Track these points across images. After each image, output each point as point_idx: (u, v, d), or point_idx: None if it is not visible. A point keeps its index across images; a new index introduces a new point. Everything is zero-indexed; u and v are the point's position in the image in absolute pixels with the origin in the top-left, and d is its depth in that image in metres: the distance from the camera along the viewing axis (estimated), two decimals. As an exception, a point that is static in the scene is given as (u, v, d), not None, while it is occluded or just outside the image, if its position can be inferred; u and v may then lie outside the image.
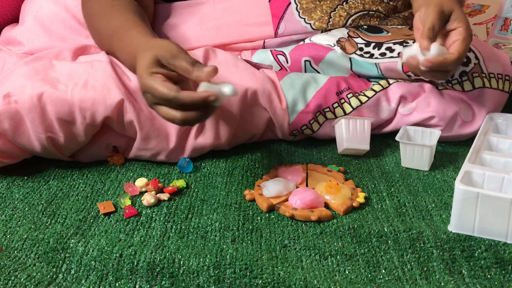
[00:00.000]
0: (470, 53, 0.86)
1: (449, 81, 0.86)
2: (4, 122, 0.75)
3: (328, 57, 0.90)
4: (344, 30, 0.94)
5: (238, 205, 0.73)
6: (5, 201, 0.75)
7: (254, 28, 0.95)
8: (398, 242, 0.63)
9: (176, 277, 0.58)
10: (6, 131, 0.75)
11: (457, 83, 0.85)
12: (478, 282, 0.58)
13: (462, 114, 0.86)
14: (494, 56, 0.87)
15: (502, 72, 0.86)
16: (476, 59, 0.86)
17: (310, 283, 0.57)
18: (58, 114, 0.76)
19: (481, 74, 0.85)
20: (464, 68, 0.85)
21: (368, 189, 0.76)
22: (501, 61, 0.87)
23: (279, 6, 0.95)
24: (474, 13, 1.12)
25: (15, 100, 0.75)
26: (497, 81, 0.86)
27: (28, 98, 0.75)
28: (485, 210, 0.62)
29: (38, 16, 0.97)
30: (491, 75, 0.86)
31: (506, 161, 0.72)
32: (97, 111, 0.77)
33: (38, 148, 0.78)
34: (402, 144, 0.81)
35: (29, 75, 0.78)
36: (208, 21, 0.96)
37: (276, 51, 0.94)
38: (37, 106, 0.75)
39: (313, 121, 0.86)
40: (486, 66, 0.86)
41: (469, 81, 0.85)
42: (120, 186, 0.78)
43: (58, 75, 0.79)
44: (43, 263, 0.61)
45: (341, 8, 0.95)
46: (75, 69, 0.81)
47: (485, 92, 0.86)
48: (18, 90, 0.76)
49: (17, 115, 0.75)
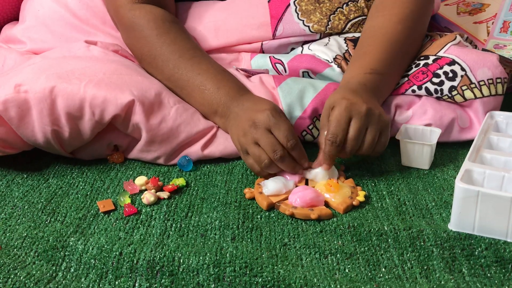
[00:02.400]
0: (454, 65, 0.85)
1: (440, 97, 0.85)
2: (10, 110, 0.75)
3: (325, 73, 0.90)
4: (342, 42, 0.94)
5: (238, 204, 0.73)
6: (5, 199, 0.75)
7: (253, 28, 0.95)
8: (398, 241, 0.63)
9: (176, 275, 0.58)
10: (12, 119, 0.75)
11: (448, 97, 0.85)
12: (478, 280, 0.57)
13: (459, 121, 0.85)
14: (481, 62, 0.85)
15: (491, 76, 0.85)
16: (462, 70, 0.84)
17: (310, 281, 0.57)
18: (68, 108, 0.76)
19: (470, 86, 0.84)
20: (452, 83, 0.84)
21: (368, 187, 0.76)
22: (489, 65, 0.85)
23: (278, 7, 0.95)
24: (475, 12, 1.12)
25: (25, 89, 0.75)
26: (488, 87, 0.85)
27: (40, 89, 0.75)
28: (485, 209, 0.62)
29: (39, 14, 0.97)
30: (481, 83, 0.85)
31: (506, 159, 0.71)
32: (107, 109, 0.77)
33: (41, 141, 0.78)
34: (402, 143, 0.81)
35: (43, 69, 0.79)
36: (207, 21, 0.96)
37: (274, 58, 0.93)
38: (47, 98, 0.75)
39: (312, 127, 0.85)
40: (475, 75, 0.84)
41: (460, 94, 0.84)
42: (119, 184, 0.78)
43: (72, 70, 0.80)
44: (42, 261, 0.61)
45: (340, 11, 0.95)
46: (91, 66, 0.81)
47: (478, 102, 0.85)
48: (31, 81, 0.76)
49: (25, 104, 0.75)
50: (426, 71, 0.86)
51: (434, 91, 0.85)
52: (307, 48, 0.94)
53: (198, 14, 0.97)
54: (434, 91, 0.85)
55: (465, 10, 1.13)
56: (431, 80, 0.85)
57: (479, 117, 0.85)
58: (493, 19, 1.07)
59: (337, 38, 0.95)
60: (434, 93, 0.85)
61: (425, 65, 0.86)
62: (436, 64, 0.86)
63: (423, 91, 0.85)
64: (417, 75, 0.86)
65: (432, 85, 0.85)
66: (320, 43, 0.94)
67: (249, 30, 0.95)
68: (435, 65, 0.86)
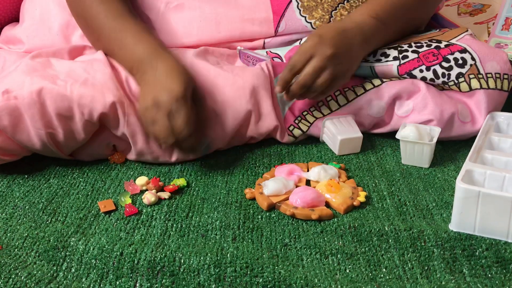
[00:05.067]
0: (465, 54, 0.85)
1: (446, 82, 0.85)
2: (3, 119, 0.75)
3: None
4: None
5: (238, 204, 0.73)
6: (6, 199, 0.75)
7: (254, 23, 0.94)
8: (399, 241, 0.63)
9: (177, 275, 0.58)
10: (6, 128, 0.75)
11: (454, 84, 0.85)
12: (479, 281, 0.57)
13: (460, 115, 0.85)
14: (491, 55, 0.86)
15: (500, 71, 0.86)
16: (472, 59, 0.85)
17: (311, 282, 0.57)
18: (58, 110, 0.76)
19: (477, 75, 0.85)
20: (460, 70, 0.84)
21: (368, 188, 0.76)
22: (498, 60, 0.86)
23: (280, 3, 0.95)
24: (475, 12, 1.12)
25: (14, 96, 0.75)
26: (495, 81, 0.85)
27: (27, 94, 0.75)
28: (486, 209, 0.62)
29: (37, 14, 0.97)
30: (489, 75, 0.85)
31: (507, 160, 0.71)
32: (95, 107, 0.77)
33: (38, 145, 0.78)
34: (402, 142, 0.81)
35: (27, 71, 0.78)
36: (209, 14, 0.95)
37: (272, 53, 0.93)
38: (36, 102, 0.75)
39: (299, 121, 0.86)
40: (483, 67, 0.85)
41: (466, 82, 0.85)
42: (120, 184, 0.78)
43: (57, 73, 0.79)
44: (43, 261, 0.61)
45: (342, 7, 0.95)
46: (74, 68, 0.81)
47: (483, 93, 0.85)
48: (17, 86, 0.76)
49: (16, 111, 0.75)
50: (437, 54, 0.86)
51: (441, 74, 0.85)
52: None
53: (199, 7, 0.96)
54: (442, 74, 0.85)
55: (466, 11, 1.13)
56: (441, 64, 0.85)
57: (481, 109, 0.85)
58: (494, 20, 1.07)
59: None
60: (441, 76, 0.84)
61: (437, 48, 0.87)
62: (447, 49, 0.86)
63: (430, 73, 0.85)
64: (428, 55, 0.86)
65: (441, 69, 0.85)
66: None
67: (251, 25, 0.94)
68: (446, 50, 0.86)
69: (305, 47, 0.80)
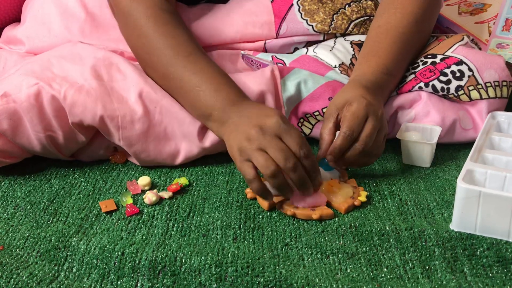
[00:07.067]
0: (462, 65, 0.85)
1: (445, 95, 0.85)
2: (3, 122, 0.75)
3: (328, 75, 0.88)
4: (348, 46, 0.94)
5: (239, 204, 0.73)
6: (7, 199, 0.75)
7: (256, 26, 0.95)
8: (399, 241, 0.63)
9: (178, 275, 0.58)
10: (6, 131, 0.75)
11: (454, 96, 0.85)
12: (480, 280, 0.58)
13: (461, 123, 0.85)
14: (488, 64, 0.85)
15: (498, 79, 0.85)
16: (469, 70, 0.85)
17: (312, 281, 0.57)
18: (56, 112, 0.76)
19: (476, 86, 0.84)
20: (459, 83, 0.84)
21: (369, 187, 0.76)
22: (496, 68, 0.85)
23: (281, 6, 0.95)
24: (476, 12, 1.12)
25: (13, 99, 0.75)
26: (494, 89, 0.85)
27: (25, 97, 0.75)
28: (487, 209, 0.62)
29: (38, 15, 0.97)
30: (488, 85, 0.85)
31: (508, 159, 0.71)
32: (85, 119, 0.76)
33: (38, 148, 0.78)
34: (403, 142, 0.81)
35: (25, 74, 0.78)
36: (209, 16, 0.95)
37: (277, 58, 0.93)
38: (34, 105, 0.75)
39: (302, 123, 0.86)
40: (481, 76, 0.85)
41: (466, 94, 0.84)
42: (121, 184, 0.78)
43: (54, 75, 0.79)
44: (45, 261, 0.61)
45: (343, 12, 0.95)
46: (73, 71, 0.80)
47: (484, 103, 0.85)
48: (15, 90, 0.76)
49: (16, 114, 0.75)
50: (433, 69, 0.86)
51: (440, 89, 0.84)
52: (312, 51, 0.94)
53: (200, 14, 0.96)
54: (441, 89, 0.84)
55: (467, 10, 1.13)
56: (438, 78, 0.85)
57: (483, 118, 0.85)
58: (495, 19, 1.07)
59: (343, 41, 0.95)
60: (440, 91, 0.84)
61: (433, 64, 0.86)
62: (443, 63, 0.86)
63: (429, 88, 0.85)
64: (424, 72, 0.86)
65: (439, 83, 0.84)
66: (326, 47, 0.93)
67: (252, 27, 0.94)
68: (442, 64, 0.86)
69: (355, 111, 0.72)
